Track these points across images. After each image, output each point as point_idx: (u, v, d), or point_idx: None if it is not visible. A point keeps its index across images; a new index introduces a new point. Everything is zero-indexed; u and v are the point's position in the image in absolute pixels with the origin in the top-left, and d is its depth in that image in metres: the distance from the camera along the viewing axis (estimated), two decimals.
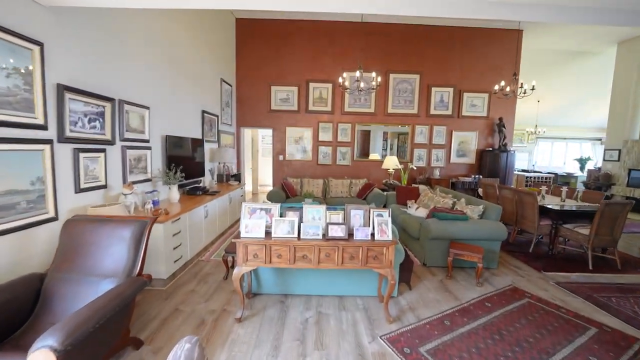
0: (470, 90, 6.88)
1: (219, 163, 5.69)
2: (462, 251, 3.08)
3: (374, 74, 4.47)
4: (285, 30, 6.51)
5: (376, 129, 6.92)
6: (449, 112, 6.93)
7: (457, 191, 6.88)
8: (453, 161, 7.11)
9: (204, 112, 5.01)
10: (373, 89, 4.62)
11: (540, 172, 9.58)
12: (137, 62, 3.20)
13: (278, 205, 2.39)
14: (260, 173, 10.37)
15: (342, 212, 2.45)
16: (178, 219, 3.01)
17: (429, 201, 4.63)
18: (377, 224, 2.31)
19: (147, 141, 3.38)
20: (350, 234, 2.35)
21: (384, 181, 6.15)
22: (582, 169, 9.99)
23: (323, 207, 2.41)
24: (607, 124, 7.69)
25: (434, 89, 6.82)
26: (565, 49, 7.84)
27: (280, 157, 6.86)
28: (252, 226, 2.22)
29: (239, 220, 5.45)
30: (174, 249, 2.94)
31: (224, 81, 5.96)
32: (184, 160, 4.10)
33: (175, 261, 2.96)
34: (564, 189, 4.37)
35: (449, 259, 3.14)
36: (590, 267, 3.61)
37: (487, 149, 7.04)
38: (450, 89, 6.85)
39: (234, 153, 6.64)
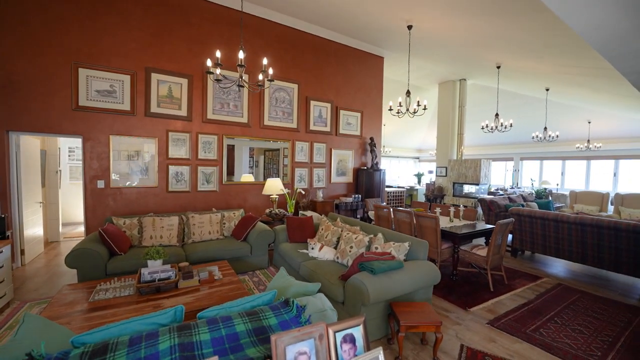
0: (346, 107, 6.67)
1: None
2: (415, 322, 2.15)
3: (265, 61, 3.12)
4: None
5: (241, 143, 5.47)
6: (328, 129, 6.45)
7: (340, 213, 6.47)
8: (334, 181, 6.64)
9: None
10: (260, 85, 3.23)
11: (392, 187, 10.86)
12: None
13: None
14: (71, 207, 6.77)
15: None
16: None
17: (333, 236, 3.66)
18: None
19: None
20: None
21: (267, 211, 4.80)
22: (419, 182, 12.14)
23: None
24: (436, 146, 9.45)
25: (312, 103, 6.16)
26: (405, 81, 9.15)
27: (101, 184, 4.26)
28: None
29: None
30: None
31: None
32: None
33: None
34: (452, 209, 4.44)
35: (400, 335, 2.16)
36: (492, 289, 3.58)
37: (362, 167, 7.01)
38: (328, 105, 6.40)
39: None
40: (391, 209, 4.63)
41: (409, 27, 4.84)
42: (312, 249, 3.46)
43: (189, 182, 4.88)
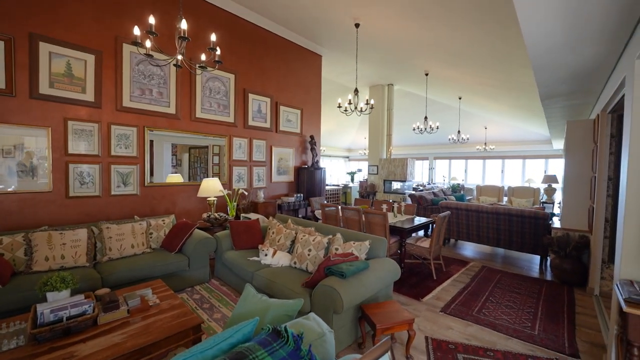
0: (286, 104, 6.41)
1: None
2: (390, 323, 2.09)
3: (213, 37, 2.62)
4: None
5: (161, 139, 4.67)
6: (268, 125, 6.08)
7: (283, 214, 6.17)
8: (275, 180, 6.31)
9: None
10: (203, 66, 2.71)
11: (328, 185, 11.03)
12: None
13: None
14: None
15: None
16: None
17: (286, 239, 3.41)
18: None
19: None
20: None
21: (205, 216, 4.20)
22: (352, 180, 12.65)
23: None
24: (368, 146, 9.96)
25: (251, 96, 5.71)
26: (339, 82, 9.39)
27: None
28: None
29: None
30: None
31: None
32: None
33: None
34: (395, 205, 4.64)
35: (377, 339, 2.06)
36: (435, 277, 3.85)
37: (303, 166, 6.86)
38: (268, 99, 6.03)
39: None
40: (339, 207, 4.59)
41: (357, 25, 4.88)
42: (266, 255, 3.13)
43: (98, 184, 3.91)
